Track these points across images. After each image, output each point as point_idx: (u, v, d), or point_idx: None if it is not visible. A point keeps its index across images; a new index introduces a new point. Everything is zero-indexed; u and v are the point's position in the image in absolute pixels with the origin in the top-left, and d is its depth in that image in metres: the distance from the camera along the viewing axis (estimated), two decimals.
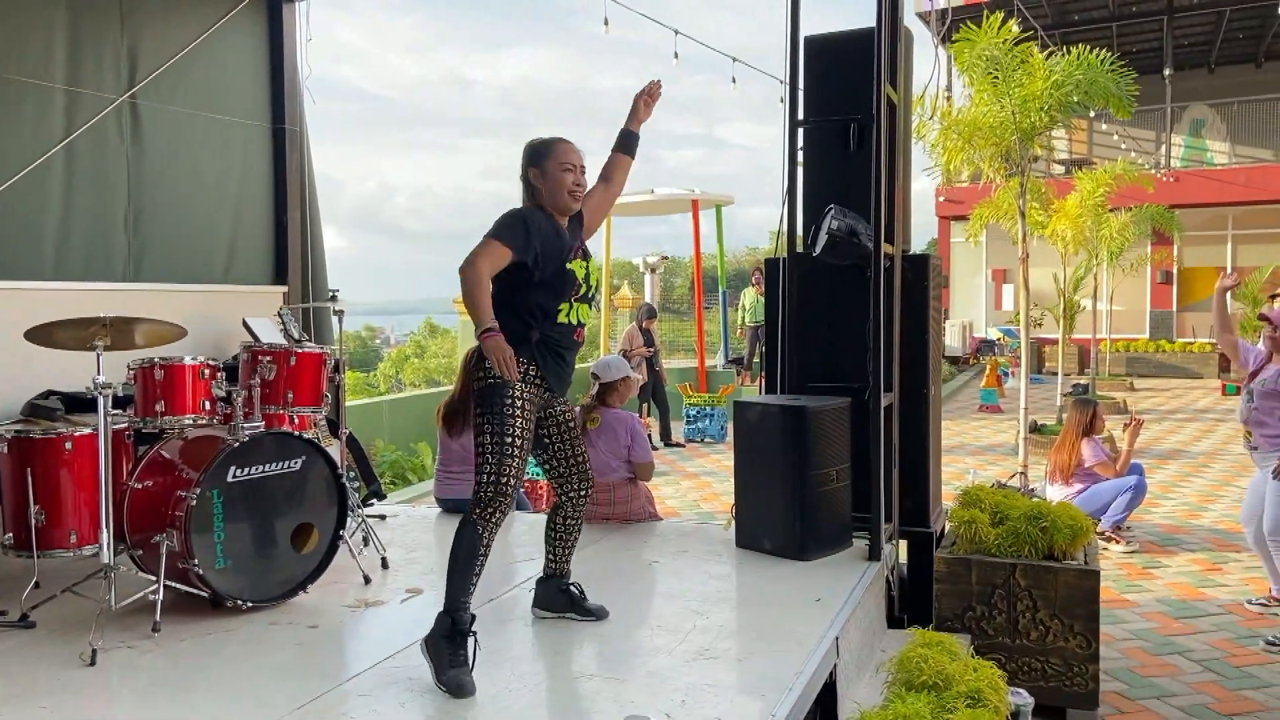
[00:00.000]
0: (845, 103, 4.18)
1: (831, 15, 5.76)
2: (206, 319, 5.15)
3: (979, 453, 9.89)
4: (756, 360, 12.74)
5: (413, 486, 7.98)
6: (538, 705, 2.66)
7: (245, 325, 5.19)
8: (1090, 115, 16.08)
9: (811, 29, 4.31)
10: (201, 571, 3.31)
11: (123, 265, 5.26)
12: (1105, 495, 6.14)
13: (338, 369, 4.43)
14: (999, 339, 18.50)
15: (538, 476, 6.28)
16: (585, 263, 3.09)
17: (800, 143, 4.32)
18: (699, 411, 10.99)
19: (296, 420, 4.28)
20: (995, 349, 17.69)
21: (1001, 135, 7.01)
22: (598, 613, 3.28)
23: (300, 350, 4.13)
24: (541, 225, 2.98)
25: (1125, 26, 19.60)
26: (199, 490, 3.31)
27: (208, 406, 3.71)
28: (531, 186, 3.05)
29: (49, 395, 4.29)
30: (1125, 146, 19.28)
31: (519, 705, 2.64)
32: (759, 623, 3.28)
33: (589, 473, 3.27)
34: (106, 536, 3.24)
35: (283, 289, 6.11)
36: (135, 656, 3.03)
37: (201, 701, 2.70)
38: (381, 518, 4.89)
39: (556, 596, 3.31)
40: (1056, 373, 12.63)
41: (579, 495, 3.26)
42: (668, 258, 16.70)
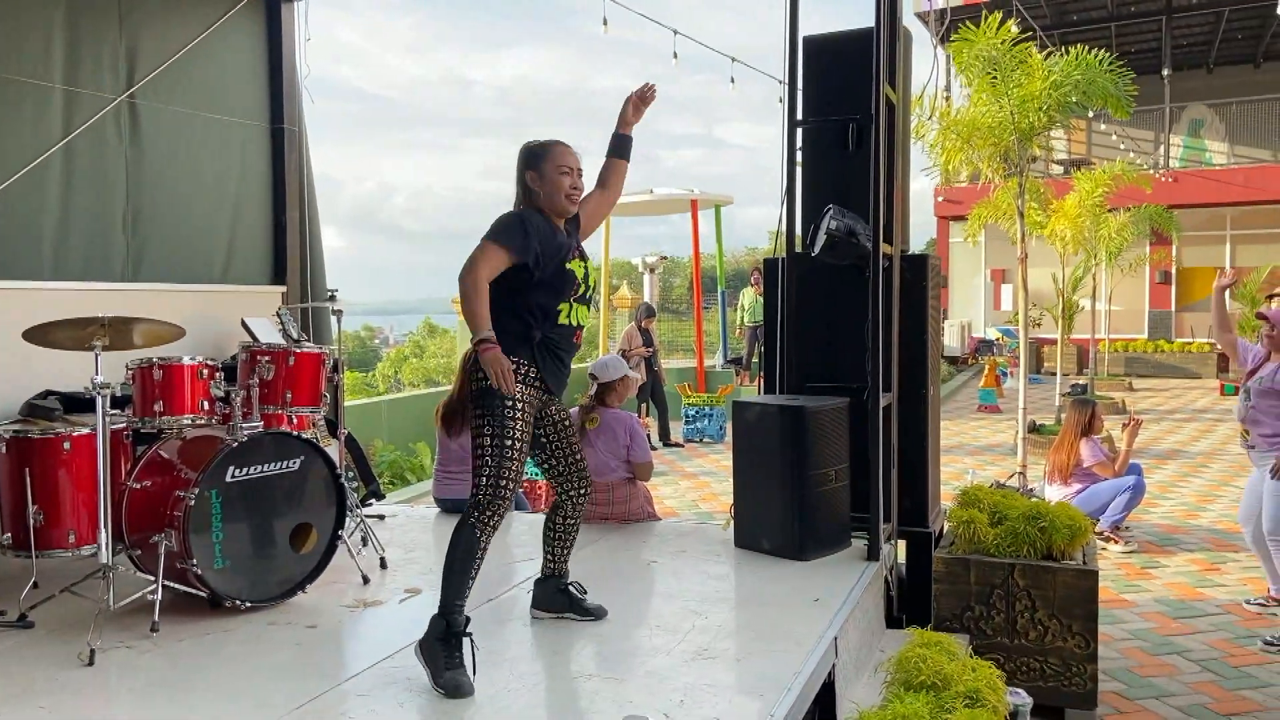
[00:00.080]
0: (844, 103, 4.18)
1: (830, 15, 5.77)
2: (205, 319, 5.15)
3: (978, 453, 9.90)
4: (755, 360, 12.74)
5: (411, 486, 7.97)
6: (536, 705, 2.66)
7: (244, 325, 5.19)
8: (1089, 115, 16.05)
9: (811, 29, 4.31)
10: (200, 571, 3.30)
11: (121, 265, 5.26)
12: (1104, 495, 6.14)
13: (336, 369, 4.43)
14: (998, 339, 18.52)
15: (537, 477, 6.28)
16: (583, 263, 3.10)
17: (799, 143, 4.32)
18: (698, 411, 10.99)
19: (295, 420, 4.28)
20: (994, 349, 17.70)
21: (1000, 135, 7.02)
22: (596, 612, 3.29)
23: (299, 350, 4.13)
24: (539, 226, 2.98)
25: (1124, 27, 19.61)
26: (197, 490, 3.31)
27: (206, 406, 3.71)
28: (528, 189, 3.05)
29: (47, 395, 4.29)
30: (1124, 147, 19.30)
31: (517, 705, 2.64)
32: (757, 623, 3.28)
33: (587, 473, 3.28)
34: (105, 536, 3.23)
35: (281, 289, 6.11)
36: (134, 656, 3.03)
37: (200, 701, 2.70)
38: (380, 518, 4.89)
39: (555, 596, 3.31)
40: (1055, 373, 12.64)
41: (578, 495, 3.26)
42: (666, 258, 16.70)
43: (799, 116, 4.30)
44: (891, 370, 4.03)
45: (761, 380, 4.60)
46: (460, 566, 2.84)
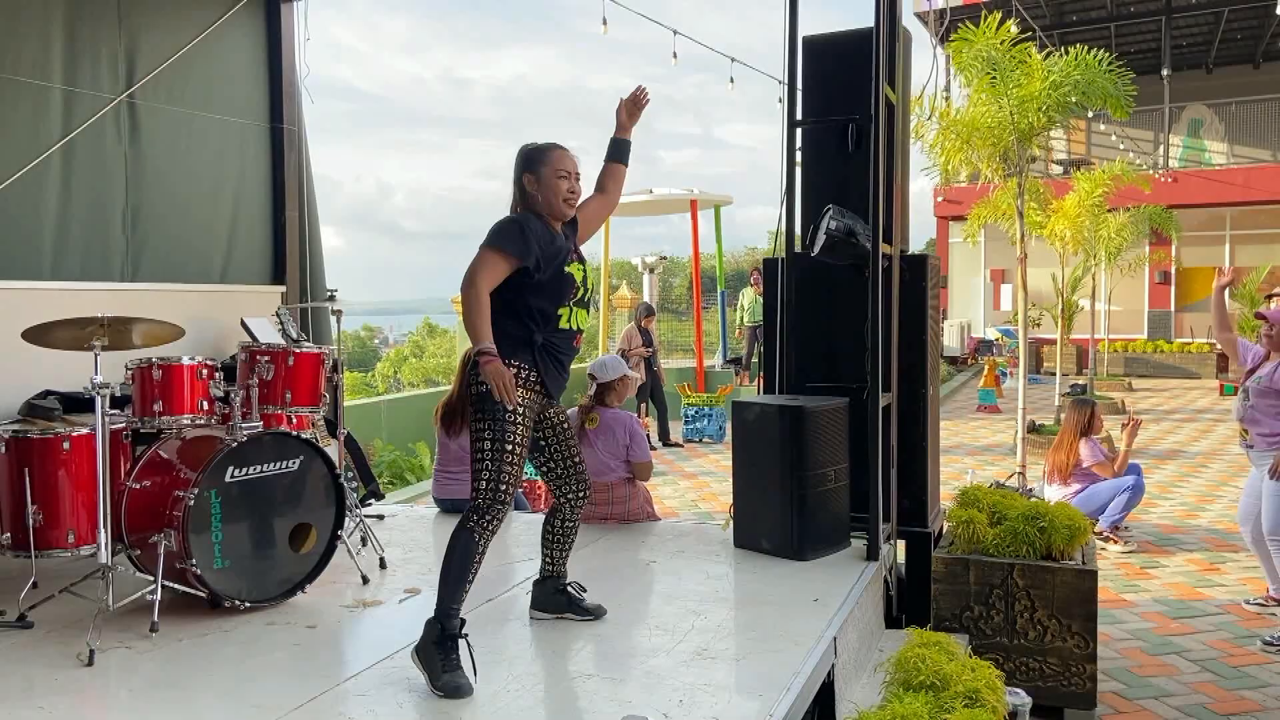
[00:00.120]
0: (844, 103, 4.18)
1: (830, 15, 5.78)
2: (204, 319, 5.15)
3: (977, 453, 9.90)
4: (755, 360, 12.74)
5: (411, 486, 7.97)
6: (535, 705, 2.66)
7: (243, 325, 5.19)
8: (1088, 115, 16.08)
9: (810, 29, 4.32)
10: (199, 571, 3.30)
11: (120, 265, 5.26)
12: (1103, 495, 6.15)
13: (336, 369, 4.43)
14: (997, 339, 18.52)
15: (536, 477, 6.28)
16: (582, 266, 3.09)
17: (799, 143, 4.32)
18: (697, 411, 10.99)
19: (294, 420, 4.28)
20: (993, 349, 17.70)
21: (999, 135, 7.01)
22: (595, 612, 3.29)
23: (298, 350, 4.13)
24: (538, 229, 2.98)
25: (1123, 27, 19.62)
26: (197, 490, 3.31)
27: (205, 406, 3.71)
28: (525, 192, 3.05)
29: (47, 395, 4.29)
30: (1123, 147, 19.29)
31: (517, 705, 2.64)
32: (757, 623, 3.28)
33: (586, 477, 3.27)
34: (104, 536, 3.23)
35: (281, 289, 6.11)
36: (133, 657, 3.03)
37: (199, 702, 2.70)
38: (380, 518, 4.89)
39: (554, 597, 3.31)
40: (1055, 373, 12.64)
41: (577, 498, 3.26)
42: (666, 258, 16.68)
43: (798, 117, 4.30)
44: (891, 370, 4.03)
45: (761, 380, 4.60)
46: (457, 570, 2.83)
